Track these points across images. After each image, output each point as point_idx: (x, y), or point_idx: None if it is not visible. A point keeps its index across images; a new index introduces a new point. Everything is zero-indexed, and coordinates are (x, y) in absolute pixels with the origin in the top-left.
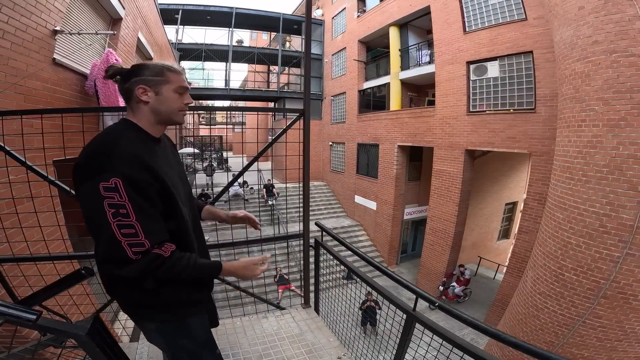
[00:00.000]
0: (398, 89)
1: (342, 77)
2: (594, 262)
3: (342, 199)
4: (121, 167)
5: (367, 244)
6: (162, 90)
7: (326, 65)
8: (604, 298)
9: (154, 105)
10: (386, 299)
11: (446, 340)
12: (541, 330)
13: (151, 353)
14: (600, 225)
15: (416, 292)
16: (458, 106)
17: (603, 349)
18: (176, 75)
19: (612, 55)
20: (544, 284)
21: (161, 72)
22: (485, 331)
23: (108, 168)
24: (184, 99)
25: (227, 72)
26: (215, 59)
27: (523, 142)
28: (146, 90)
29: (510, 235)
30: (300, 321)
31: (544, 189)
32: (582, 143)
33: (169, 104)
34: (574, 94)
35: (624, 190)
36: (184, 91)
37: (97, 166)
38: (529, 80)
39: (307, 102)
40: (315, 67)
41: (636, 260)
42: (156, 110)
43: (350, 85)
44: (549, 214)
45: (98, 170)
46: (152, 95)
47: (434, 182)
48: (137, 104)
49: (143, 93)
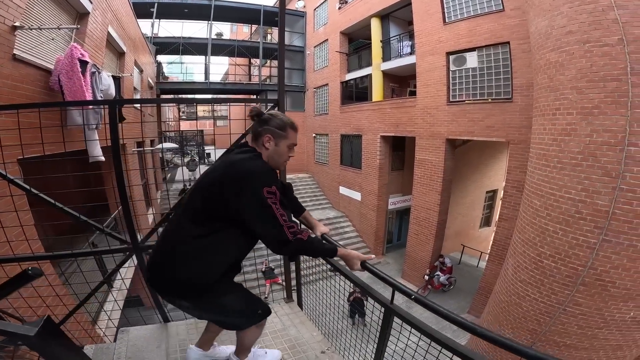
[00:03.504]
0: (380, 80)
1: (324, 69)
2: (571, 249)
3: (327, 190)
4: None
5: (353, 235)
6: (280, 144)
7: (308, 57)
8: (583, 285)
9: (271, 154)
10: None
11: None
12: (524, 318)
13: (129, 353)
14: (576, 211)
15: (392, 284)
16: (438, 96)
17: (585, 337)
18: (293, 133)
19: (586, 45)
20: (524, 271)
21: (284, 127)
22: (461, 325)
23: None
24: (290, 152)
25: (207, 65)
26: (194, 52)
27: (501, 131)
28: (270, 139)
29: (491, 222)
30: (283, 316)
31: (521, 177)
32: (557, 131)
33: (280, 155)
34: (549, 83)
35: (599, 177)
36: (293, 147)
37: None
38: (506, 70)
39: (281, 92)
40: (298, 60)
41: (612, 246)
42: (271, 157)
43: (332, 77)
44: (527, 201)
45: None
46: (272, 145)
47: (416, 172)
48: (261, 146)
49: (267, 141)
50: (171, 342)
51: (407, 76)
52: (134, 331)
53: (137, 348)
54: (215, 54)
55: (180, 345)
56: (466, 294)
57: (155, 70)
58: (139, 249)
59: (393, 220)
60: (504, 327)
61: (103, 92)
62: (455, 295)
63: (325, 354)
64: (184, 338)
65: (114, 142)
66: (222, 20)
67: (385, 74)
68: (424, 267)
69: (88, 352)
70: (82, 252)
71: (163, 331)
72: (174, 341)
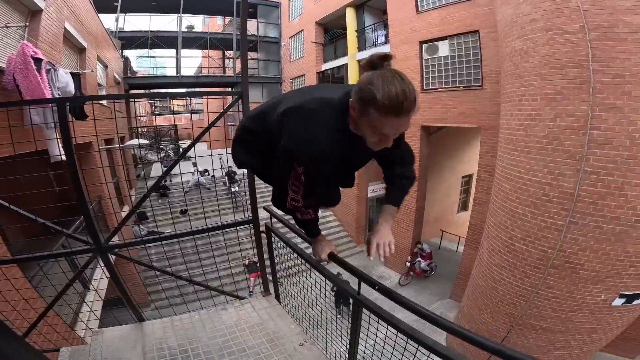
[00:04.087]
0: (356, 70)
1: (300, 60)
2: (540, 232)
3: None
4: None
5: (335, 224)
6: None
7: (284, 48)
8: (553, 268)
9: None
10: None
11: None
12: (500, 302)
13: (105, 354)
14: (544, 194)
15: (358, 274)
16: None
17: (559, 320)
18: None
19: (549, 33)
20: (497, 255)
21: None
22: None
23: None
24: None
25: (178, 59)
26: (164, 46)
27: (473, 117)
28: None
29: (468, 207)
30: (261, 310)
31: (492, 161)
32: (523, 116)
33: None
34: (514, 70)
35: (563, 160)
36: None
37: None
38: (476, 58)
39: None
40: (273, 51)
41: (579, 228)
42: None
43: (308, 67)
44: (497, 185)
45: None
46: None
47: None
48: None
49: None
50: (147, 341)
51: None
52: (108, 332)
53: (113, 349)
54: (187, 47)
55: (156, 344)
56: (447, 279)
57: (121, 66)
58: (102, 250)
59: (373, 208)
60: (482, 311)
61: (61, 89)
62: (437, 280)
63: (304, 347)
64: (160, 337)
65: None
66: (192, 13)
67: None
68: (405, 254)
69: (64, 354)
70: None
71: (138, 331)
72: (150, 340)
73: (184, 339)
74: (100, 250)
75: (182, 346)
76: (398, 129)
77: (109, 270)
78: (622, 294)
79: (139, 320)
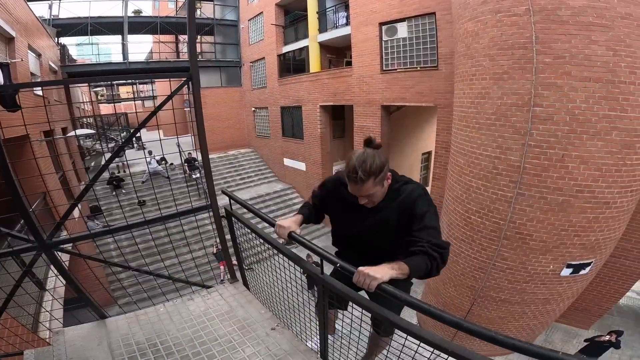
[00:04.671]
0: (317, 52)
1: (260, 43)
2: (492, 204)
3: (271, 164)
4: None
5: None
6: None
7: (243, 31)
8: (506, 239)
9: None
10: (295, 264)
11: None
12: (462, 275)
13: (70, 354)
14: (494, 167)
15: (320, 254)
16: (373, 65)
17: (515, 291)
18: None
19: (497, 15)
20: (456, 228)
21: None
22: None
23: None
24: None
25: (124, 45)
26: (107, 32)
27: (429, 97)
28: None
29: (429, 183)
30: (229, 297)
31: (448, 138)
32: (474, 94)
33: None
34: (466, 51)
35: (510, 135)
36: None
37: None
38: (432, 40)
39: (194, 65)
40: (231, 34)
41: (526, 199)
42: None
43: (269, 50)
44: (453, 160)
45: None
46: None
47: (356, 138)
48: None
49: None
50: (112, 337)
51: (344, 47)
52: (70, 331)
53: (77, 348)
54: (135, 33)
55: (123, 340)
56: None
57: (58, 54)
58: (45, 247)
59: None
60: (447, 285)
61: None
62: None
63: (276, 331)
64: (126, 332)
65: None
66: None
67: (322, 45)
68: None
69: (29, 357)
70: None
71: (101, 328)
72: (116, 336)
73: (152, 333)
74: (43, 247)
75: (150, 340)
76: (355, 192)
77: (57, 267)
78: (569, 264)
79: (101, 318)
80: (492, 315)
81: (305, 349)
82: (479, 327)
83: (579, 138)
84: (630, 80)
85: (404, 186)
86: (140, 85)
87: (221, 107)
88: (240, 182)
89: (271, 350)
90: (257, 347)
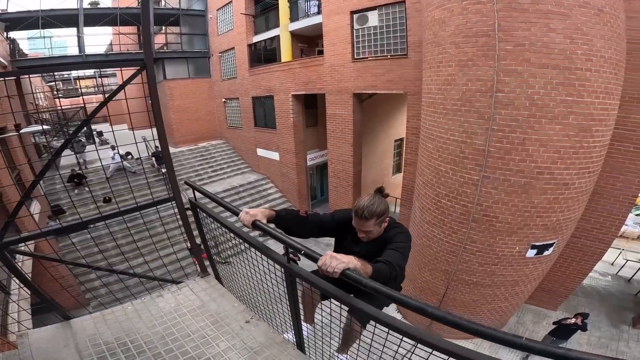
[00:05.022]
0: (288, 41)
1: (229, 33)
2: (460, 187)
3: (244, 154)
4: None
5: (277, 196)
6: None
7: (211, 21)
8: (474, 222)
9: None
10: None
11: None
12: (436, 259)
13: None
14: (460, 151)
15: (284, 241)
16: (344, 54)
17: (485, 273)
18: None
19: (463, 3)
20: (427, 212)
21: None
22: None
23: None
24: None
25: (80, 37)
26: (61, 25)
27: (399, 84)
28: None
29: (402, 168)
30: (200, 292)
31: (418, 124)
32: (441, 81)
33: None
34: (434, 39)
35: (475, 120)
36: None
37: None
38: (402, 28)
39: (147, 53)
40: (199, 24)
41: (491, 182)
42: None
43: (238, 40)
44: (423, 145)
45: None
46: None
47: (329, 126)
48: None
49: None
50: (79, 338)
51: (315, 36)
52: (35, 334)
53: (44, 350)
54: (92, 25)
55: (90, 340)
56: None
57: (7, 48)
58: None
59: (314, 176)
60: (422, 269)
61: None
62: None
63: (250, 323)
64: (93, 333)
65: None
66: None
67: (293, 34)
68: None
69: None
70: None
71: (67, 329)
72: (82, 337)
73: (120, 332)
74: None
75: (119, 339)
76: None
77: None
78: (534, 245)
79: (65, 319)
80: (466, 298)
81: (282, 341)
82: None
83: (538, 122)
84: (586, 67)
85: (394, 229)
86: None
87: (189, 99)
88: (213, 174)
89: (246, 344)
90: (231, 341)
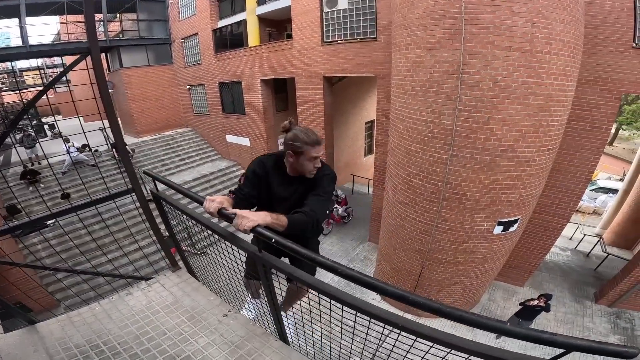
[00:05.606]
0: (256, 25)
1: (192, 18)
2: (430, 166)
3: (213, 142)
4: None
5: None
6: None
7: (172, 6)
8: (445, 200)
9: (293, 165)
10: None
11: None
12: (410, 239)
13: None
14: (429, 131)
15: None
16: (313, 38)
17: (457, 252)
18: (310, 149)
19: None
20: (400, 192)
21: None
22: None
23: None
24: (314, 163)
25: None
26: (2, 16)
27: (369, 67)
28: (290, 155)
29: (374, 150)
30: (173, 287)
31: (388, 105)
32: (409, 63)
33: (301, 166)
34: (402, 21)
35: (442, 100)
36: (314, 159)
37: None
38: (371, 11)
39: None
40: (158, 10)
41: (459, 160)
42: (293, 167)
43: (202, 25)
44: (393, 126)
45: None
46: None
47: (299, 110)
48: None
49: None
50: (48, 342)
51: (284, 20)
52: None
53: (13, 356)
54: (36, 14)
55: (60, 344)
56: (365, 222)
57: None
58: None
59: None
60: (397, 250)
61: None
62: (356, 225)
63: (228, 317)
64: (61, 336)
65: None
66: None
67: (261, 18)
68: None
69: None
70: None
71: (33, 334)
72: (51, 341)
73: (91, 334)
74: None
75: (90, 342)
76: (319, 152)
77: None
78: (500, 222)
79: (30, 323)
80: (440, 277)
81: (263, 332)
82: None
83: (502, 102)
84: (546, 50)
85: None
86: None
87: (150, 87)
88: (180, 163)
89: (226, 338)
90: (210, 336)
